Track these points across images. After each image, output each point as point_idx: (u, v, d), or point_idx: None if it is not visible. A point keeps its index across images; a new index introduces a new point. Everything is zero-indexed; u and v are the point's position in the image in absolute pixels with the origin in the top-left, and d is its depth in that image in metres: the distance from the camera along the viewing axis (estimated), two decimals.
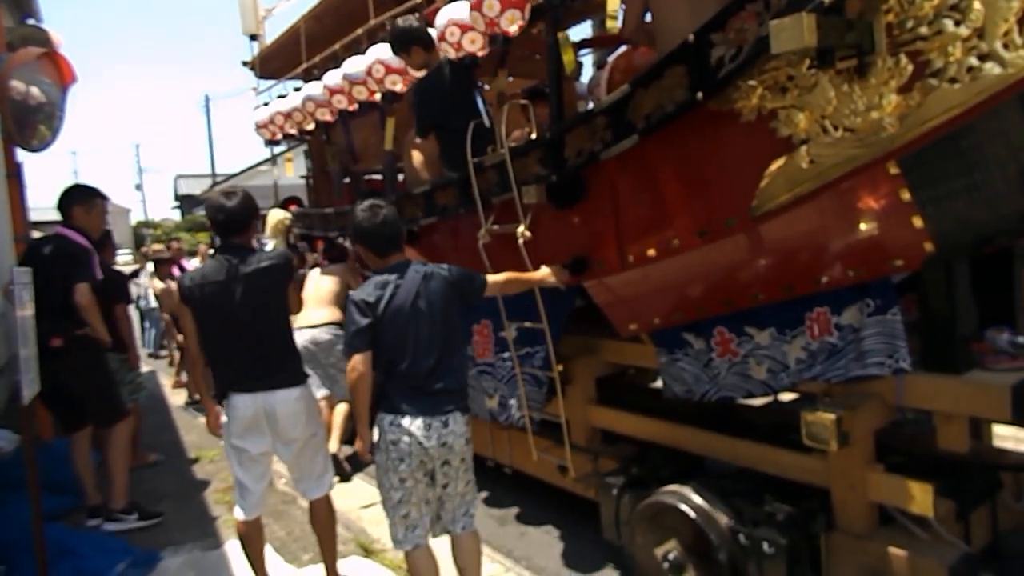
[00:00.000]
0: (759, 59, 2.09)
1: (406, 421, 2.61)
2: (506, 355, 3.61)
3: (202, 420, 6.84)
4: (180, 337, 8.04)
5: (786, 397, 3.40)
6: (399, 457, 2.62)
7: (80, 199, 4.15)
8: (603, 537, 3.30)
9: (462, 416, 2.70)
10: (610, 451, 3.59)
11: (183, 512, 4.36)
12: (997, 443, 3.22)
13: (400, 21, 3.59)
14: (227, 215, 2.93)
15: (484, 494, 4.38)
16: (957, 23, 1.83)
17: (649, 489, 3.02)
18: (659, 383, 3.59)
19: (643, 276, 2.89)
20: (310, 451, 3.06)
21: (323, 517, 3.14)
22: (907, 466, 2.52)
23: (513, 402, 3.61)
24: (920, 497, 2.35)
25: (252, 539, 3.07)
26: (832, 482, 2.61)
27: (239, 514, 3.05)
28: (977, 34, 1.81)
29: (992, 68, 1.80)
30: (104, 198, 4.32)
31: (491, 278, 2.91)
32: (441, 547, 2.81)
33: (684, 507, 2.77)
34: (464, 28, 3.10)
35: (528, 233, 3.03)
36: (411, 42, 3.54)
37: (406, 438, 2.60)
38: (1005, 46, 1.78)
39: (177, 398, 7.79)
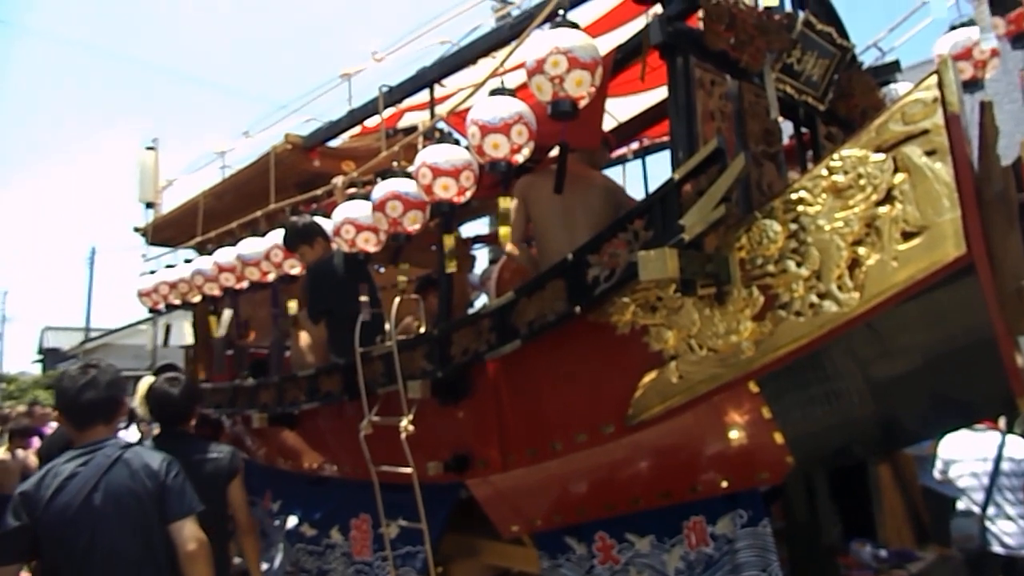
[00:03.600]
0: (630, 282, 2.26)
1: None
2: (383, 554, 3.38)
3: None
4: None
5: None
6: None
7: None
8: None
9: None
10: None
11: None
12: None
13: (295, 220, 3.72)
14: (170, 404, 2.93)
15: None
16: (798, 264, 2.07)
17: None
18: None
19: (525, 476, 2.85)
20: None
21: None
22: None
23: None
24: None
25: None
26: None
27: None
28: (816, 275, 2.05)
29: (830, 306, 2.02)
30: None
31: (191, 533, 2.18)
32: None
33: None
34: (359, 228, 3.22)
35: (411, 427, 2.96)
36: (313, 235, 3.66)
37: None
38: (839, 288, 2.01)
39: None
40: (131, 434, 7.64)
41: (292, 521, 3.97)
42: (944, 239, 1.86)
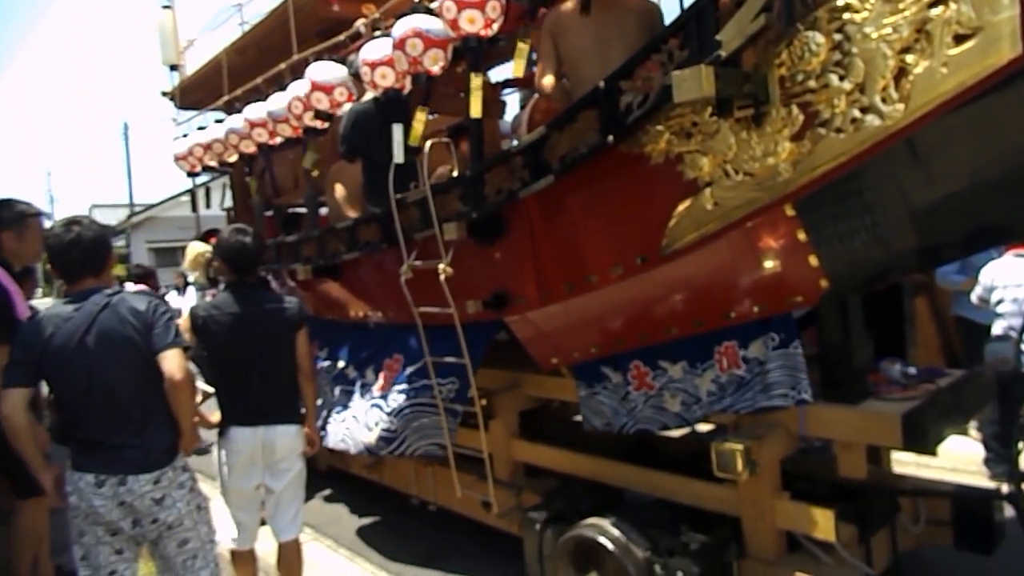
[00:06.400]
0: (664, 106, 2.20)
1: (75, 476, 2.29)
2: (400, 388, 3.60)
3: None
4: None
5: (704, 428, 3.50)
6: (73, 513, 2.34)
7: (9, 222, 3.23)
8: (527, 573, 3.29)
9: (149, 476, 2.30)
10: (533, 485, 3.60)
11: None
12: (897, 469, 3.40)
13: None
14: (243, 252, 3.03)
15: (409, 530, 4.31)
16: (841, 78, 1.98)
17: (571, 523, 3.04)
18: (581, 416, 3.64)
19: (562, 311, 2.94)
20: (295, 486, 3.12)
21: (290, 560, 3.15)
22: (811, 493, 2.63)
23: (407, 434, 3.54)
24: (822, 523, 2.45)
25: (246, 566, 3.15)
26: (742, 510, 2.69)
27: (233, 544, 3.11)
28: (859, 88, 1.96)
29: (873, 120, 1.95)
30: (40, 214, 3.43)
31: (176, 363, 2.33)
32: None
33: (603, 540, 2.80)
34: (373, 65, 3.16)
35: (450, 269, 3.05)
36: None
37: (75, 495, 2.30)
38: (883, 100, 1.93)
39: None
40: (187, 299, 8.00)
41: (340, 364, 4.22)
42: (999, 40, 1.74)
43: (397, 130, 3.16)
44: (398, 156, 3.15)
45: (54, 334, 2.27)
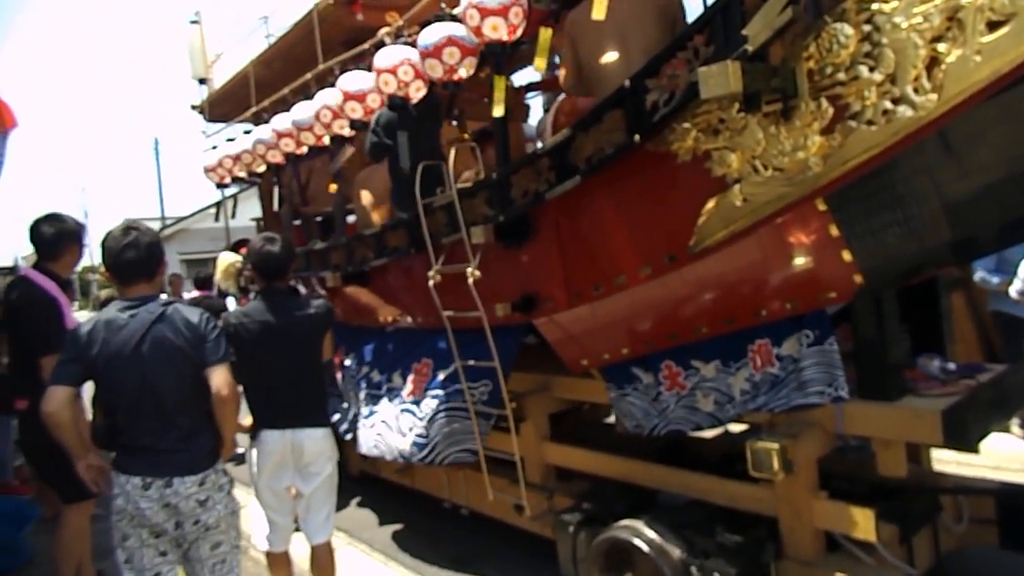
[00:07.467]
0: (691, 103, 2.19)
1: (122, 479, 2.33)
2: (433, 393, 3.61)
3: None
4: None
5: (737, 428, 3.46)
6: (118, 516, 2.38)
7: (75, 238, 3.46)
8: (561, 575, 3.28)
9: (195, 478, 2.35)
10: (565, 488, 3.59)
11: None
12: (938, 467, 3.33)
13: None
14: (271, 260, 3.09)
15: (441, 534, 4.33)
16: (871, 69, 1.95)
17: (604, 525, 3.02)
18: (612, 418, 3.62)
19: (591, 312, 2.94)
20: (325, 489, 3.15)
21: (323, 563, 3.19)
22: (850, 492, 2.59)
23: (438, 441, 3.54)
24: (862, 522, 2.41)
25: (281, 568, 3.23)
26: (779, 510, 2.65)
27: (265, 546, 3.20)
28: (890, 79, 1.93)
29: (905, 111, 1.92)
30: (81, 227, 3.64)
31: (224, 378, 2.40)
32: None
33: (638, 541, 2.78)
34: (388, 71, 3.24)
35: (477, 273, 3.05)
36: None
37: (121, 498, 2.34)
38: (915, 90, 1.90)
39: None
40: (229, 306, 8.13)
41: (365, 368, 4.26)
42: None
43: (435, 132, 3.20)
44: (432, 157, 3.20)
45: (108, 340, 2.32)
